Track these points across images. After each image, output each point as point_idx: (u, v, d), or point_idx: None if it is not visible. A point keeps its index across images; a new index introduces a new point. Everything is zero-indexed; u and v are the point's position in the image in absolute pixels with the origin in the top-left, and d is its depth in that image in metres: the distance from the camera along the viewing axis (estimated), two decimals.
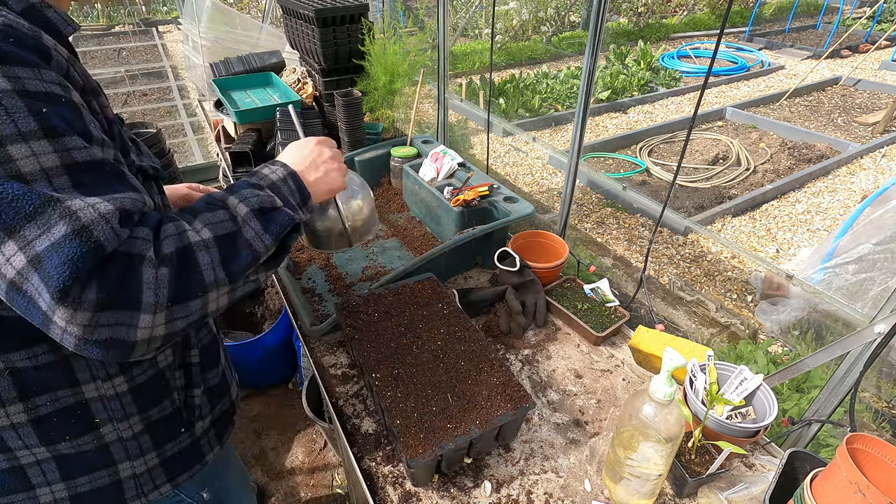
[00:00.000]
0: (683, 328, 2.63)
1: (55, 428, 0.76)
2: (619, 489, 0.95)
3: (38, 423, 0.75)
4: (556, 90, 6.22)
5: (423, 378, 1.06)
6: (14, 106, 0.53)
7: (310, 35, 2.15)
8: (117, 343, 0.57)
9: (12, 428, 0.74)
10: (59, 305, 0.53)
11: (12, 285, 0.54)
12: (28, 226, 0.53)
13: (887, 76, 7.24)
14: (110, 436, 0.80)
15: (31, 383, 0.72)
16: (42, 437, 0.76)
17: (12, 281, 0.54)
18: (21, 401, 0.72)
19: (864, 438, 0.82)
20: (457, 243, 1.45)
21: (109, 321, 0.56)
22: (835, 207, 4.14)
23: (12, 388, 0.71)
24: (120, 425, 0.81)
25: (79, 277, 0.54)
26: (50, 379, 0.73)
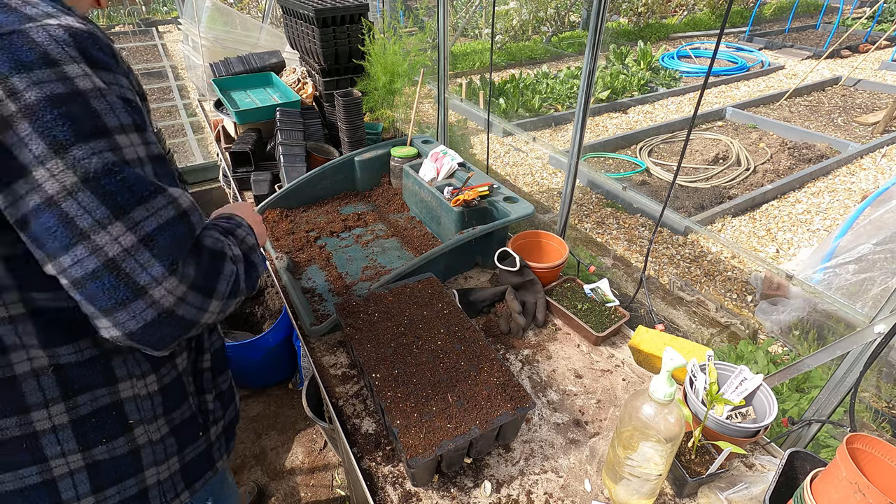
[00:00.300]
0: (683, 328, 2.63)
1: (94, 430, 0.76)
2: (619, 489, 0.95)
3: (79, 425, 0.74)
4: (556, 90, 6.22)
5: (423, 378, 1.06)
6: (115, 103, 0.61)
7: (310, 35, 2.15)
8: (188, 322, 0.66)
9: (53, 432, 0.73)
10: (170, 276, 0.62)
11: (109, 263, 0.59)
12: (138, 209, 0.60)
13: (887, 76, 7.24)
14: (142, 438, 0.81)
15: (73, 381, 0.73)
16: (80, 441, 0.75)
17: (112, 259, 0.59)
18: (63, 400, 0.72)
19: (864, 438, 0.82)
20: (457, 243, 1.45)
21: (194, 301, 0.66)
22: (835, 207, 4.14)
23: (56, 387, 0.72)
24: (149, 427, 0.82)
25: (182, 256, 0.64)
26: (91, 376, 0.74)
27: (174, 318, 0.64)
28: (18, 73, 0.54)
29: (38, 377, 0.70)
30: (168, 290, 0.63)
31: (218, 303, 0.70)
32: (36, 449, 0.72)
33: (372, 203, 1.93)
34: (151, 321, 0.63)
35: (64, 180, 0.56)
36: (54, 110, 0.56)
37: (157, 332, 0.64)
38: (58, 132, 0.56)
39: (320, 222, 1.80)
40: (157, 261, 0.62)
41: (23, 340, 0.68)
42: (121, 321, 0.62)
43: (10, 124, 0.54)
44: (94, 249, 0.59)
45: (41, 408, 0.72)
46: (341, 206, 1.90)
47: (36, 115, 0.55)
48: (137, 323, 0.62)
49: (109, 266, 0.59)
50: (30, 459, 0.73)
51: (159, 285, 0.62)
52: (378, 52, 2.11)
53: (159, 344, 0.67)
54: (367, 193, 1.98)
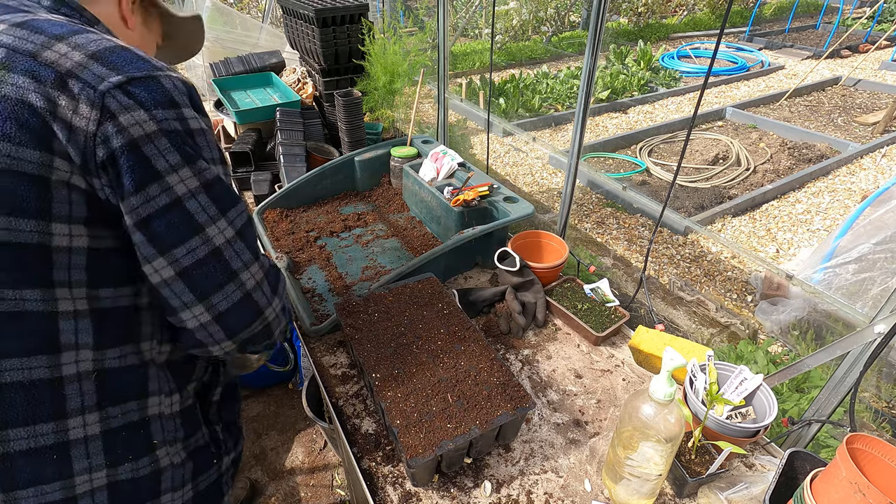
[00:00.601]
0: (683, 328, 2.63)
1: (122, 445, 0.75)
2: (619, 489, 0.95)
3: (110, 438, 0.74)
4: (556, 90, 6.22)
5: (423, 378, 1.06)
6: (212, 141, 0.76)
7: (310, 35, 2.16)
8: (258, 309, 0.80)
9: (85, 443, 0.72)
10: (255, 262, 0.78)
11: (215, 251, 0.73)
12: (233, 209, 0.76)
13: (887, 76, 7.24)
14: (164, 460, 0.81)
15: (111, 388, 0.73)
16: (109, 455, 0.74)
17: (218, 248, 0.73)
18: (98, 409, 0.72)
19: (864, 438, 0.82)
20: (457, 243, 1.45)
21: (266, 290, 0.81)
22: (835, 207, 4.14)
23: (95, 393, 0.72)
24: (171, 449, 0.82)
25: (258, 249, 0.81)
26: (127, 385, 0.75)
27: (251, 302, 0.78)
28: (157, 108, 0.68)
29: (81, 381, 0.70)
30: (252, 273, 0.77)
31: (278, 301, 0.83)
32: (65, 461, 0.71)
33: (372, 203, 1.93)
34: (237, 302, 0.76)
35: (189, 185, 0.70)
36: (184, 138, 0.71)
37: (237, 315, 0.76)
38: (187, 151, 0.70)
39: (320, 222, 1.80)
40: (248, 249, 0.77)
41: (78, 339, 0.69)
42: (214, 303, 0.74)
43: (151, 139, 0.67)
44: (205, 240, 0.72)
45: (78, 414, 0.71)
46: (341, 206, 1.90)
47: (173, 137, 0.69)
48: (228, 303, 0.75)
49: (215, 253, 0.73)
50: (56, 474, 0.71)
51: (247, 269, 0.77)
52: (378, 52, 2.11)
53: (234, 327, 0.77)
54: (367, 193, 1.98)
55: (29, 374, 0.67)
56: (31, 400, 0.68)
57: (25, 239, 0.63)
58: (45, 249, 0.64)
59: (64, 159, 0.64)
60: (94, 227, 0.68)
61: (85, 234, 0.67)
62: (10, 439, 0.67)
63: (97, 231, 0.68)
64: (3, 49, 0.63)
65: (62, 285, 0.66)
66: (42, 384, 0.68)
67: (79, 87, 0.63)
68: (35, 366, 0.67)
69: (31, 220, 0.63)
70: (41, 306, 0.66)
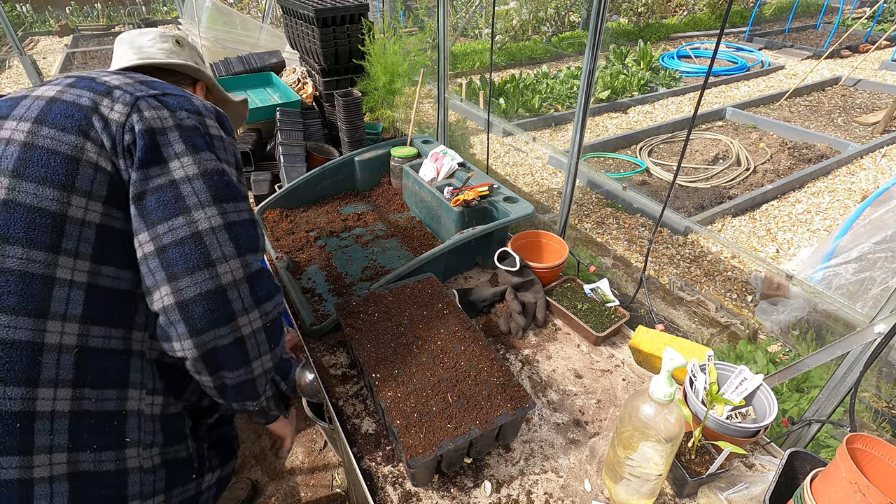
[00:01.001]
0: (683, 328, 2.63)
1: (89, 430, 0.74)
2: (619, 489, 0.95)
3: (77, 418, 0.73)
4: (556, 90, 6.22)
5: (423, 378, 1.06)
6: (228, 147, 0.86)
7: (310, 35, 2.16)
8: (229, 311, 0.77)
9: (51, 417, 0.70)
10: (237, 258, 0.78)
11: (196, 235, 0.75)
12: (230, 203, 0.80)
13: (887, 76, 7.23)
14: (132, 461, 0.78)
15: (89, 370, 0.74)
16: (72, 437, 0.72)
17: (199, 232, 0.75)
18: (73, 386, 0.72)
19: (864, 438, 0.82)
20: (457, 243, 1.45)
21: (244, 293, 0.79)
22: (835, 207, 4.14)
23: (71, 369, 0.72)
24: (143, 452, 0.80)
25: (250, 250, 0.81)
26: (107, 370, 0.76)
27: (223, 299, 0.76)
28: (181, 110, 0.81)
29: (61, 353, 0.71)
30: (231, 268, 0.77)
31: (259, 319, 0.80)
32: (27, 434, 0.69)
33: (372, 203, 1.93)
34: (206, 292, 0.75)
35: (188, 171, 0.77)
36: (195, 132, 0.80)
37: (202, 307, 0.74)
38: (196, 142, 0.79)
39: (320, 222, 1.80)
40: (232, 243, 0.78)
41: (68, 309, 0.72)
42: (181, 287, 0.74)
43: (166, 131, 0.77)
44: (189, 222, 0.75)
45: (50, 386, 0.71)
46: (341, 206, 1.90)
47: (185, 130, 0.79)
48: (195, 291, 0.74)
49: (195, 237, 0.75)
50: (16, 446, 0.68)
51: (226, 262, 0.77)
52: (378, 52, 2.11)
53: (203, 324, 0.75)
54: (367, 193, 1.98)
55: (12, 334, 0.68)
56: (8, 360, 0.68)
57: (47, 205, 0.71)
58: (61, 217, 0.71)
59: (96, 145, 0.75)
60: (109, 206, 0.75)
61: (100, 210, 0.74)
62: None
63: (111, 211, 0.75)
64: (75, 77, 0.82)
65: (68, 254, 0.72)
66: (22, 346, 0.69)
67: (119, 94, 0.79)
68: (20, 326, 0.69)
69: (55, 189, 0.72)
70: (42, 269, 0.70)
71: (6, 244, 0.69)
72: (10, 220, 0.70)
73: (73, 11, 10.18)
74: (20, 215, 0.70)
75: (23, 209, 0.70)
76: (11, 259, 0.69)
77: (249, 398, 0.88)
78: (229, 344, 0.77)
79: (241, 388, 0.84)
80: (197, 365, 0.78)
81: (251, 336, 0.80)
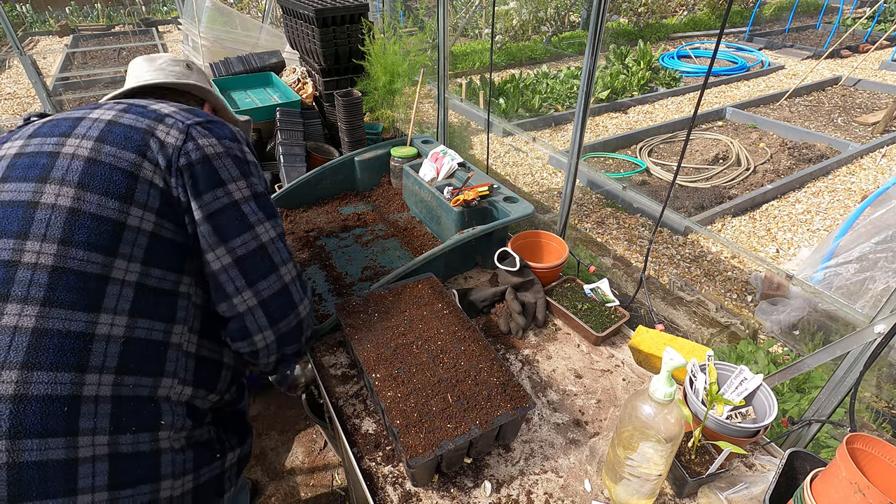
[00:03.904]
0: (683, 328, 2.63)
1: (127, 414, 0.79)
2: (619, 489, 0.95)
3: (118, 402, 0.79)
4: (556, 90, 6.22)
5: (423, 378, 1.06)
6: (260, 173, 1.00)
7: (310, 35, 2.16)
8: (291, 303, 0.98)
9: (95, 401, 0.76)
10: (290, 260, 0.99)
11: (262, 247, 0.93)
12: (274, 218, 0.97)
13: (887, 76, 7.23)
14: (164, 442, 0.84)
15: (131, 357, 0.80)
16: (114, 420, 0.78)
17: (264, 244, 0.93)
18: (116, 372, 0.78)
19: (864, 438, 0.82)
20: (457, 243, 1.45)
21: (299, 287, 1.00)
22: (835, 207, 4.14)
23: (116, 357, 0.79)
24: (174, 435, 0.86)
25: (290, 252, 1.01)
26: (145, 357, 0.82)
27: (287, 295, 0.96)
28: (224, 139, 0.94)
29: (109, 343, 0.78)
30: (288, 270, 0.97)
31: (307, 302, 1.02)
32: (73, 416, 0.74)
33: (372, 203, 1.93)
34: (277, 291, 0.94)
35: (244, 193, 0.93)
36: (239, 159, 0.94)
37: (277, 302, 0.95)
38: (244, 168, 0.95)
39: (320, 222, 1.80)
40: (286, 249, 0.98)
41: (118, 304, 0.80)
42: (260, 289, 0.92)
43: (220, 156, 0.91)
44: (254, 237, 0.92)
45: (97, 372, 0.77)
46: (341, 206, 1.90)
47: (234, 158, 0.93)
48: (270, 291, 0.93)
49: (262, 248, 0.93)
50: (63, 428, 0.73)
51: (285, 265, 0.97)
52: (378, 52, 2.11)
53: (275, 314, 0.94)
54: (367, 193, 1.98)
55: (68, 325, 0.76)
56: (62, 348, 0.75)
57: (109, 214, 0.81)
58: (120, 225, 0.81)
59: (152, 163, 0.85)
60: (160, 217, 0.85)
61: (153, 221, 0.84)
62: (33, 381, 0.72)
63: (162, 221, 0.85)
64: (126, 104, 0.93)
65: (123, 257, 0.81)
66: (75, 336, 0.75)
67: (172, 122, 0.91)
68: (75, 319, 0.76)
69: (116, 200, 0.82)
70: (99, 269, 0.79)
71: (69, 247, 0.78)
72: (75, 226, 0.79)
73: (73, 11, 10.18)
74: (84, 222, 0.79)
75: (87, 217, 0.80)
76: (73, 261, 0.77)
77: (291, 363, 1.11)
78: (294, 326, 0.98)
79: (291, 357, 1.05)
80: (271, 348, 0.97)
81: (307, 317, 1.00)
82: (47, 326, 0.74)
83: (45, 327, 0.74)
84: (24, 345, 0.73)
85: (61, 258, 0.77)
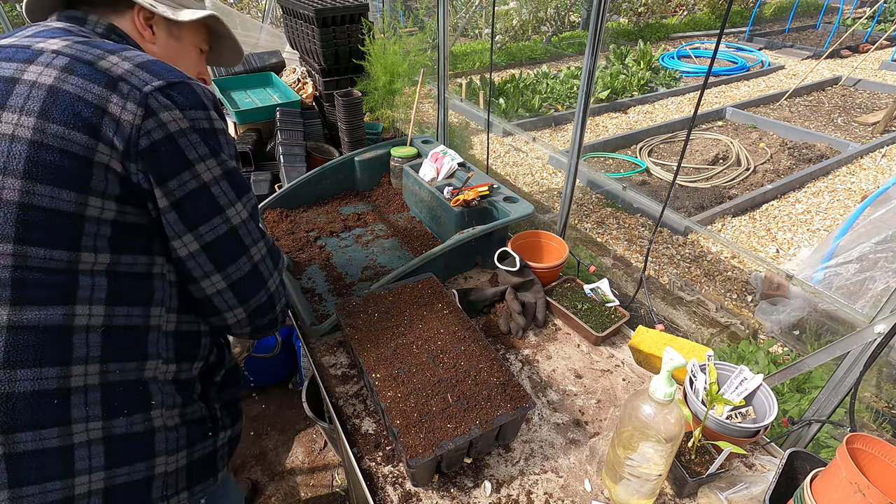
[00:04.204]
0: (683, 328, 2.63)
1: (118, 399, 0.80)
2: (619, 489, 0.95)
3: (106, 390, 0.78)
4: (556, 90, 6.22)
5: (423, 378, 1.06)
6: (230, 140, 0.90)
7: (310, 35, 2.16)
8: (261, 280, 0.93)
9: (84, 391, 0.76)
10: (262, 239, 0.93)
11: (232, 230, 0.86)
12: (247, 195, 0.90)
13: (887, 76, 7.23)
14: (158, 421, 0.85)
15: (114, 345, 0.79)
16: (105, 406, 0.78)
17: (235, 226, 0.87)
18: (101, 361, 0.78)
19: (864, 438, 0.82)
20: (457, 243, 1.45)
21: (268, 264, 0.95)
22: (835, 207, 4.14)
23: (99, 347, 0.78)
24: (166, 413, 0.86)
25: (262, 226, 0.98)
26: (128, 346, 0.81)
27: (257, 274, 0.92)
28: (191, 108, 0.82)
29: (89, 333, 0.77)
30: (259, 249, 0.92)
31: (277, 275, 0.97)
32: (64, 407, 0.74)
33: (372, 203, 1.93)
34: (248, 272, 0.90)
35: (214, 173, 0.83)
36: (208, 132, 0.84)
37: (247, 283, 0.90)
38: (212, 146, 0.84)
39: (320, 222, 1.80)
40: (257, 228, 0.92)
41: (93, 294, 0.77)
42: (229, 273, 0.87)
43: (185, 133, 0.80)
44: (225, 220, 0.85)
45: (82, 363, 0.76)
46: (341, 206, 1.90)
47: (202, 133, 0.83)
48: (240, 273, 0.89)
49: (232, 231, 0.86)
50: (55, 419, 0.74)
51: (255, 244, 0.91)
52: (378, 52, 2.11)
53: (246, 294, 0.91)
54: (367, 193, 1.98)
55: (44, 320, 0.73)
56: (42, 343, 0.73)
57: (65, 207, 0.73)
58: (79, 217, 0.74)
59: (107, 145, 0.75)
60: (121, 203, 0.78)
61: (114, 208, 0.78)
62: (18, 379, 0.72)
63: (123, 207, 0.79)
64: (68, 57, 0.77)
65: (88, 249, 0.76)
66: (54, 330, 0.74)
67: (127, 89, 0.77)
68: (51, 313, 0.74)
69: (71, 191, 0.73)
70: (65, 265, 0.75)
71: (28, 246, 0.72)
72: (28, 223, 0.71)
73: None
74: (39, 218, 0.72)
75: (40, 213, 0.72)
76: (34, 259, 0.72)
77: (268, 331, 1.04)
78: (265, 301, 0.95)
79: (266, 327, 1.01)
80: (242, 322, 0.95)
81: (276, 290, 0.97)
82: (22, 323, 0.72)
83: (20, 324, 0.72)
84: (2, 344, 0.71)
85: (20, 257, 0.71)
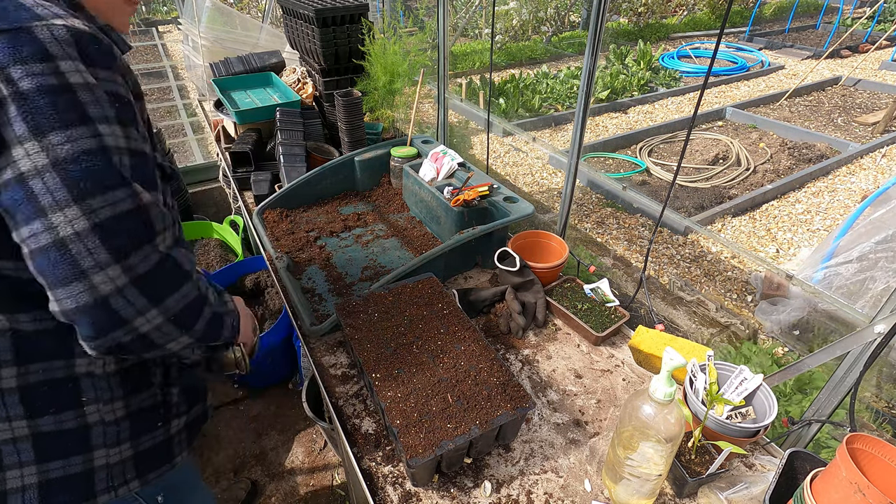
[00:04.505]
0: (683, 328, 2.63)
1: (42, 398, 0.77)
2: (619, 489, 0.95)
3: (27, 391, 0.76)
4: (556, 90, 6.22)
5: (423, 378, 1.06)
6: (101, 97, 0.65)
7: (310, 35, 2.15)
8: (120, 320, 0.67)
9: (0, 394, 0.74)
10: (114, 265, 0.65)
11: (59, 242, 0.63)
12: (97, 197, 0.64)
13: (887, 76, 7.23)
14: (93, 416, 0.81)
15: (29, 347, 0.75)
16: (27, 408, 0.76)
17: (62, 239, 0.63)
18: (16, 364, 0.74)
19: (864, 438, 0.82)
20: (457, 243, 1.45)
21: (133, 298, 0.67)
22: (835, 207, 4.14)
23: (10, 350, 0.74)
24: (104, 407, 0.82)
25: (132, 249, 0.66)
26: (48, 346, 0.76)
27: (108, 310, 0.66)
28: (16, 64, 0.60)
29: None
30: (109, 277, 0.65)
31: (160, 316, 0.70)
32: None
33: (372, 203, 1.93)
34: (85, 304, 0.65)
35: (36, 161, 0.62)
36: (42, 98, 0.61)
37: (90, 318, 0.66)
38: (40, 118, 0.61)
39: (320, 222, 1.80)
40: (105, 248, 0.64)
41: None
42: (60, 297, 0.65)
43: (1, 105, 0.60)
44: (48, 227, 0.62)
45: None
46: (341, 206, 1.90)
47: (25, 100, 0.61)
48: (73, 303, 0.65)
49: (58, 245, 0.63)
50: None
51: (102, 271, 0.64)
52: (378, 52, 2.11)
53: (93, 332, 0.67)
54: (367, 193, 1.98)
55: None
56: None
57: None
58: None
59: None
60: None
61: None
62: None
63: None
64: None
65: None
66: None
67: None
68: None
69: None
70: None
71: None
72: None
73: None
74: None
75: None
76: None
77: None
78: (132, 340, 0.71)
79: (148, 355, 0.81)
80: None
81: (154, 330, 0.72)
82: None
83: None
84: None
85: None
